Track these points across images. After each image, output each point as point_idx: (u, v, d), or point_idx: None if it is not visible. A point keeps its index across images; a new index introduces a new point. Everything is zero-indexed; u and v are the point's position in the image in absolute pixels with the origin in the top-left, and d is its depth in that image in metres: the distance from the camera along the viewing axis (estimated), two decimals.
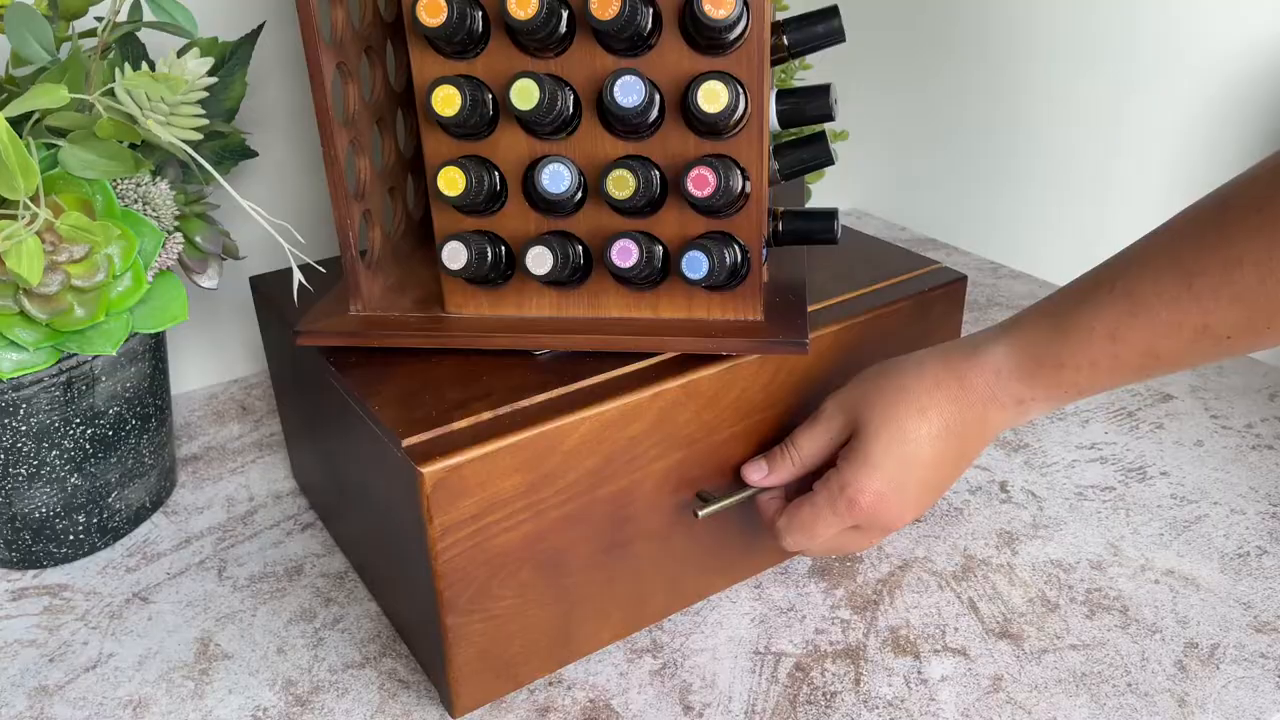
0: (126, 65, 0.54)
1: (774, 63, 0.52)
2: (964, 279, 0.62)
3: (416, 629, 0.54)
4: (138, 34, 0.63)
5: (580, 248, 0.53)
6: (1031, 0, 1.24)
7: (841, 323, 0.57)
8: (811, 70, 0.96)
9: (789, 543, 0.53)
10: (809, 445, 0.53)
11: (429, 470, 0.45)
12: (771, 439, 0.56)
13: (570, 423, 0.48)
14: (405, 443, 0.46)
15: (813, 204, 0.97)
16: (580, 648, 0.55)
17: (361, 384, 0.52)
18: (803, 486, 0.54)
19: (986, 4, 1.21)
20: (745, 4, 0.47)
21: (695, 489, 0.55)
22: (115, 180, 0.57)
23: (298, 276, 0.56)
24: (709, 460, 0.54)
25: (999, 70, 1.26)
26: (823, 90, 0.53)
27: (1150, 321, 0.45)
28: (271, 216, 0.54)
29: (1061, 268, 1.44)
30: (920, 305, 0.60)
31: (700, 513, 0.53)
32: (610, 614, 0.55)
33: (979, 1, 1.21)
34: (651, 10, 0.47)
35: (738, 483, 0.55)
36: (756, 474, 0.55)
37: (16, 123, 0.53)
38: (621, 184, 0.49)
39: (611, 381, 0.51)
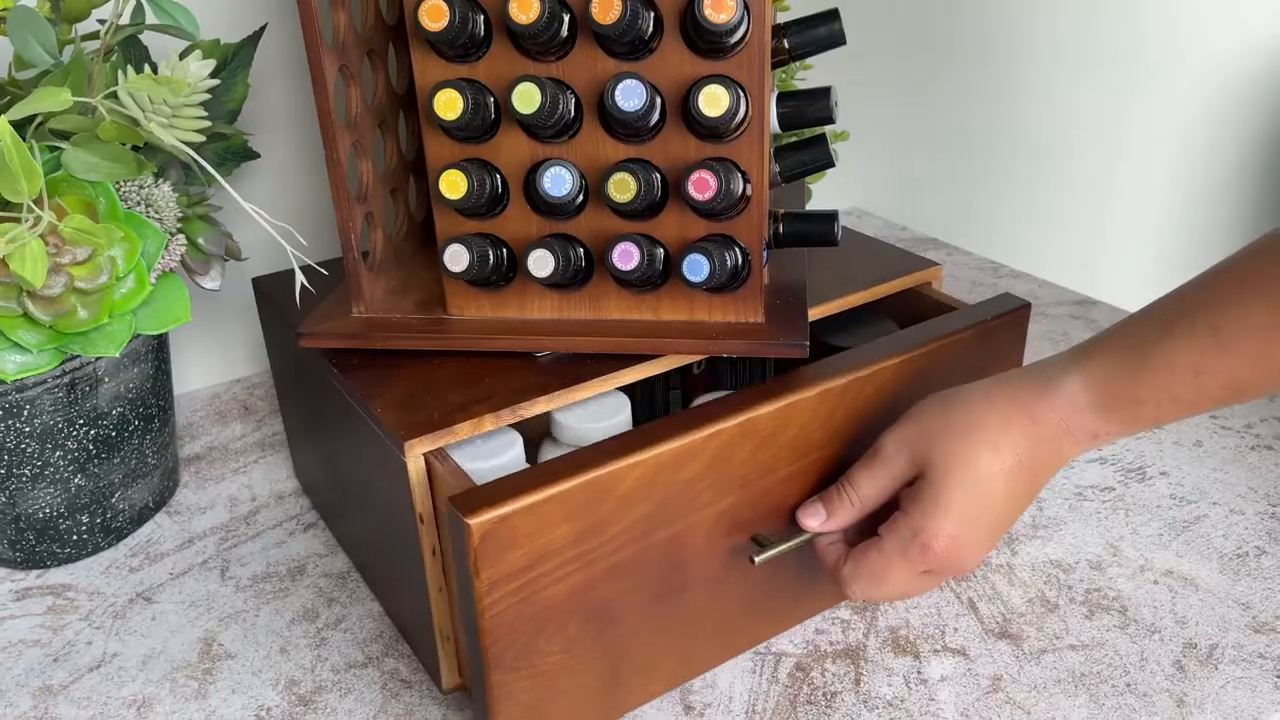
0: (129, 68, 0.54)
1: (774, 65, 0.52)
2: (1028, 306, 0.59)
3: (418, 630, 0.54)
4: (140, 36, 0.63)
5: (581, 250, 0.53)
6: (1032, 2, 1.24)
7: (903, 354, 0.53)
8: (812, 71, 0.96)
9: (855, 592, 0.50)
10: (869, 486, 0.50)
11: (476, 521, 0.41)
12: (828, 477, 0.52)
13: (624, 467, 0.45)
14: (453, 494, 0.43)
15: (813, 204, 0.98)
16: (627, 701, 0.52)
17: (364, 385, 0.52)
18: (862, 528, 0.51)
19: (986, 6, 1.21)
20: (746, 8, 0.47)
21: (749, 532, 0.51)
22: (118, 182, 0.57)
23: (300, 278, 0.57)
24: (764, 502, 0.51)
25: (999, 71, 1.26)
26: (823, 93, 0.53)
27: (1238, 354, 0.44)
28: (273, 218, 0.54)
29: (1062, 267, 1.45)
30: (983, 334, 0.57)
31: (757, 558, 0.49)
32: (659, 665, 0.52)
33: (979, 3, 1.21)
34: (653, 14, 0.47)
35: (794, 525, 0.52)
36: (814, 519, 0.51)
37: (20, 126, 0.53)
38: (623, 187, 0.49)
39: (665, 424, 0.47)
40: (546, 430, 0.58)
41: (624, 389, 0.69)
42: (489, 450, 0.53)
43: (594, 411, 0.56)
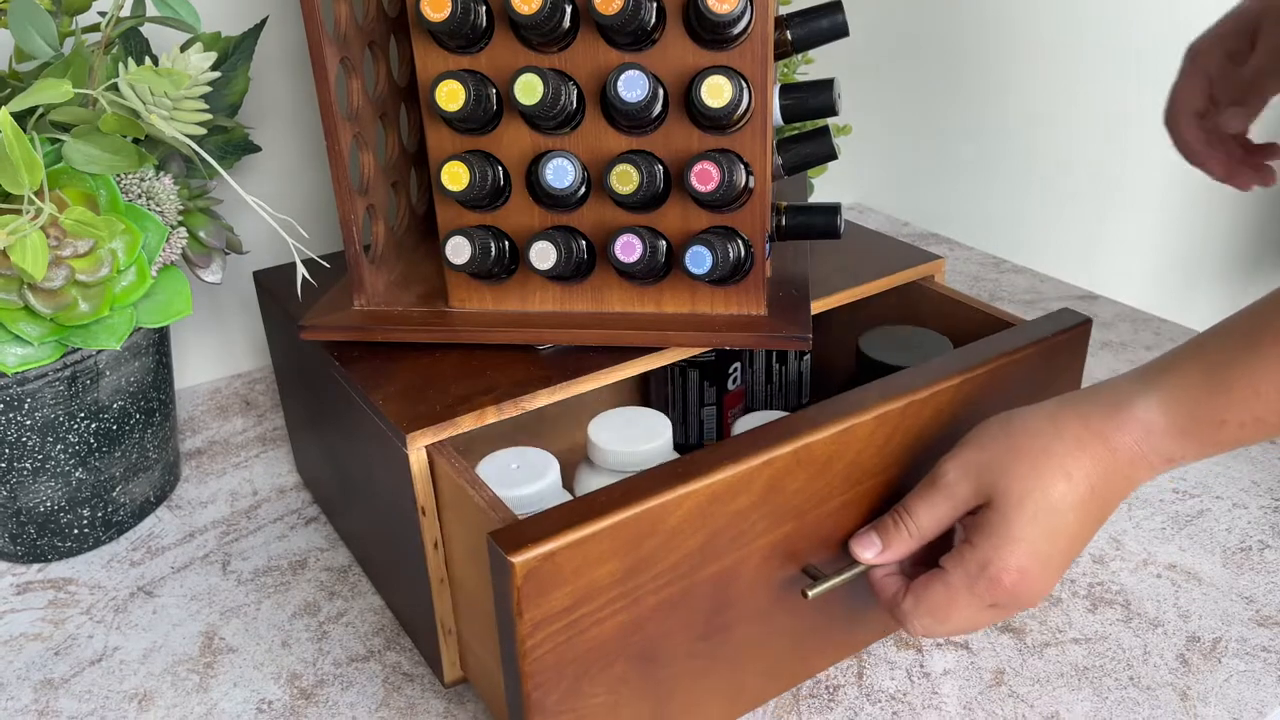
0: (130, 60, 0.54)
1: (777, 57, 0.52)
2: (1089, 322, 0.56)
3: (420, 623, 0.54)
4: (141, 29, 0.63)
5: (584, 243, 0.53)
6: None
7: (963, 373, 0.50)
8: (814, 64, 0.96)
9: (917, 627, 0.47)
10: (928, 515, 0.47)
11: (520, 560, 0.38)
12: (882, 506, 0.50)
13: (674, 498, 0.42)
14: (494, 530, 0.40)
15: (815, 198, 0.97)
16: None
17: (365, 378, 0.52)
18: (917, 557, 0.49)
19: (988, 2, 1.21)
20: None
21: (800, 564, 0.49)
22: (119, 175, 0.57)
23: (301, 270, 0.56)
24: (817, 532, 0.48)
25: (1001, 67, 1.26)
26: (826, 85, 0.53)
27: None
28: (275, 211, 0.54)
29: (1063, 263, 1.45)
30: (1045, 352, 0.54)
31: (810, 592, 0.47)
32: (705, 705, 0.50)
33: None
34: (655, 4, 0.47)
35: (846, 555, 0.49)
36: (868, 551, 0.48)
37: (21, 118, 0.53)
38: (625, 179, 0.49)
39: (715, 451, 0.44)
40: (584, 454, 0.57)
41: (657, 406, 0.68)
42: (524, 476, 0.51)
43: (634, 434, 0.54)
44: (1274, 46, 0.67)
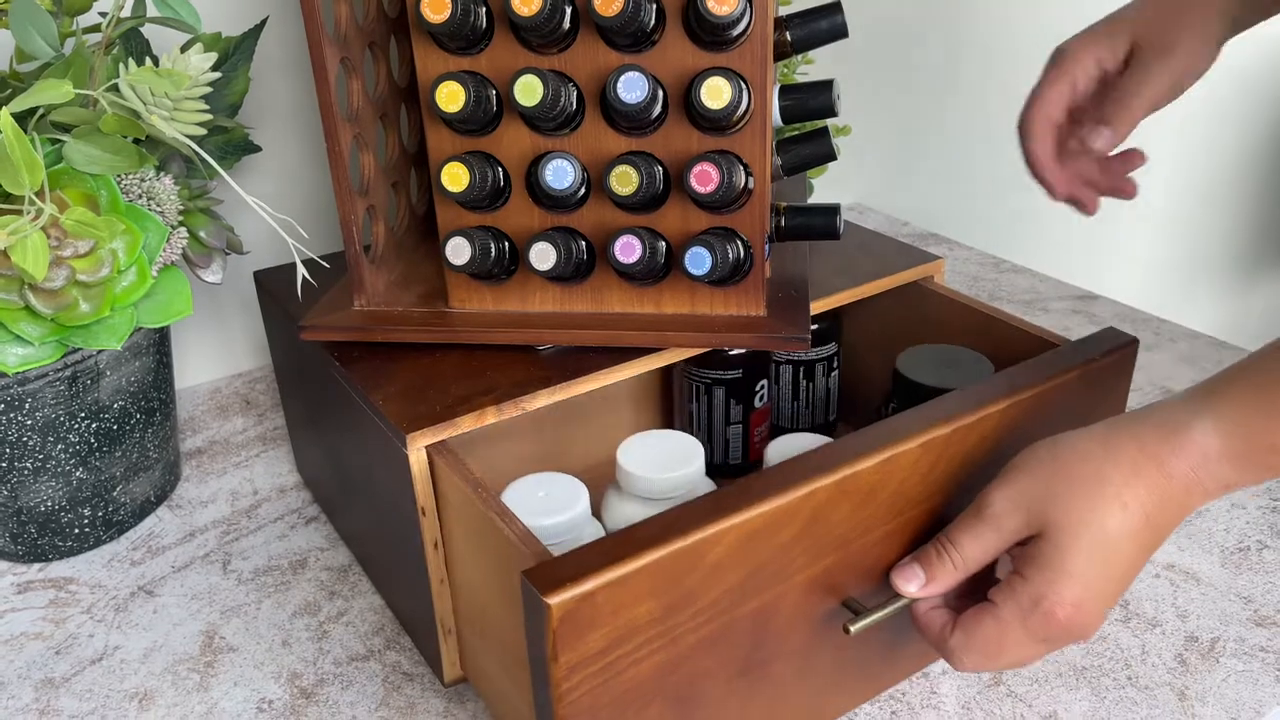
0: (130, 61, 0.54)
1: (776, 58, 0.52)
2: (1135, 342, 0.54)
3: (420, 623, 0.54)
4: (141, 29, 0.63)
5: (583, 243, 0.53)
6: None
7: (1010, 397, 0.48)
8: (813, 65, 0.96)
9: (967, 663, 0.45)
10: (974, 547, 0.45)
11: (557, 601, 0.36)
12: (924, 534, 0.48)
13: (714, 533, 0.40)
14: (528, 568, 0.38)
15: (814, 199, 0.97)
16: None
17: (365, 378, 0.52)
18: (961, 589, 0.47)
19: (988, 1, 1.21)
20: (748, 0, 0.47)
21: (841, 596, 0.47)
22: (120, 175, 0.57)
23: (302, 271, 0.57)
24: (859, 563, 0.46)
25: (1000, 67, 1.26)
26: (826, 86, 0.53)
27: None
28: (275, 211, 0.54)
29: (1063, 263, 1.45)
30: (1089, 375, 0.52)
31: (853, 627, 0.45)
32: None
33: None
34: (655, 6, 0.47)
35: (887, 587, 0.47)
36: (912, 584, 0.46)
37: (21, 118, 0.53)
38: (625, 180, 0.49)
39: (757, 482, 0.42)
40: (614, 480, 0.55)
41: (681, 424, 0.67)
42: (553, 505, 0.49)
43: (665, 460, 0.52)
44: (1147, 70, 0.63)
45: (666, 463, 0.52)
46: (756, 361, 0.64)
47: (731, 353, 0.63)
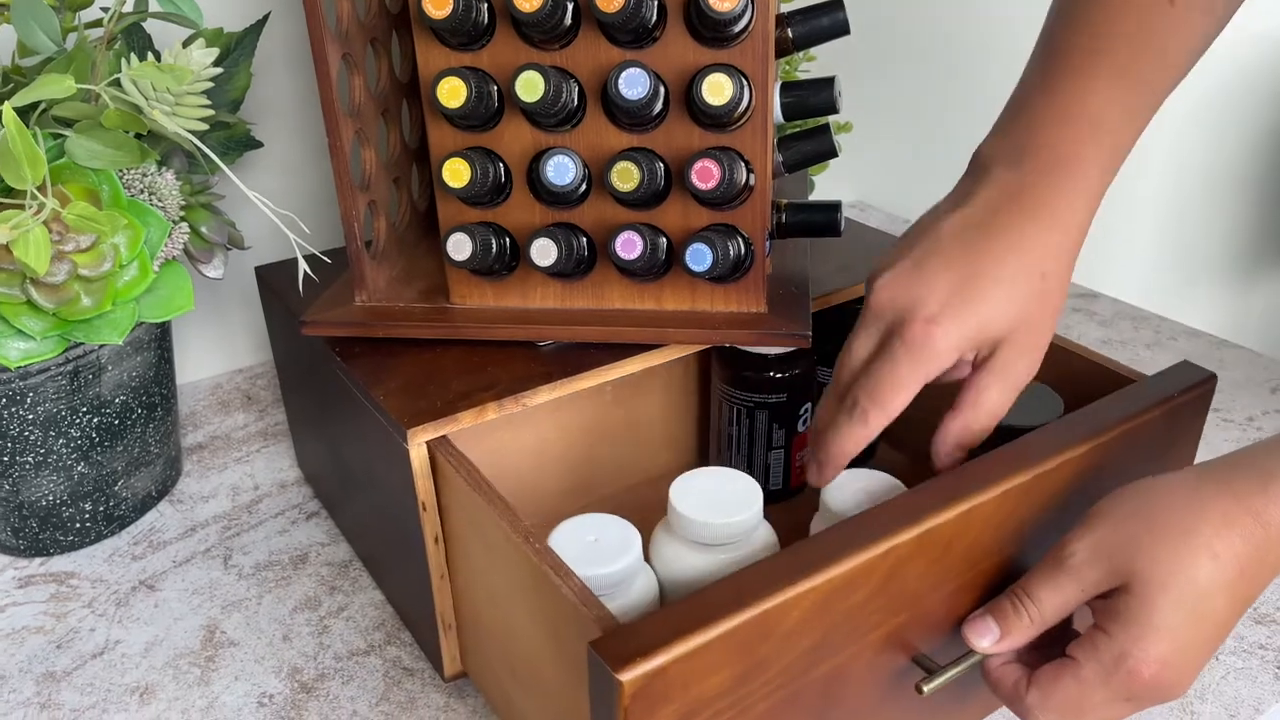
0: (132, 55, 0.54)
1: (777, 55, 0.52)
2: (1214, 377, 0.51)
3: (420, 617, 0.55)
4: (143, 24, 0.63)
5: (584, 239, 0.53)
6: None
7: (1091, 441, 0.46)
8: (815, 62, 0.96)
9: None
10: (1052, 600, 0.42)
11: (629, 678, 0.34)
12: (997, 586, 0.45)
13: (792, 598, 0.38)
14: (595, 639, 0.36)
15: (815, 196, 0.97)
16: None
17: (367, 374, 0.52)
18: (1036, 643, 0.44)
19: None
20: None
21: (911, 653, 0.44)
22: (121, 170, 0.57)
23: (303, 266, 0.57)
24: (930, 619, 0.44)
25: (1001, 64, 1.26)
26: (827, 83, 0.53)
27: None
28: (276, 207, 0.54)
29: None
30: (1170, 414, 0.49)
31: (926, 687, 0.42)
32: None
33: None
34: (656, 2, 0.47)
35: (956, 641, 0.45)
36: (985, 639, 0.43)
37: (23, 112, 0.53)
38: (626, 176, 0.50)
39: (830, 539, 0.40)
40: (664, 520, 0.51)
41: (718, 446, 0.63)
42: (604, 553, 0.45)
43: (722, 502, 0.48)
44: (1012, 375, 0.48)
45: (724, 506, 0.48)
46: (801, 383, 0.61)
47: (776, 375, 0.60)
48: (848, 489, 0.51)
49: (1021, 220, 0.47)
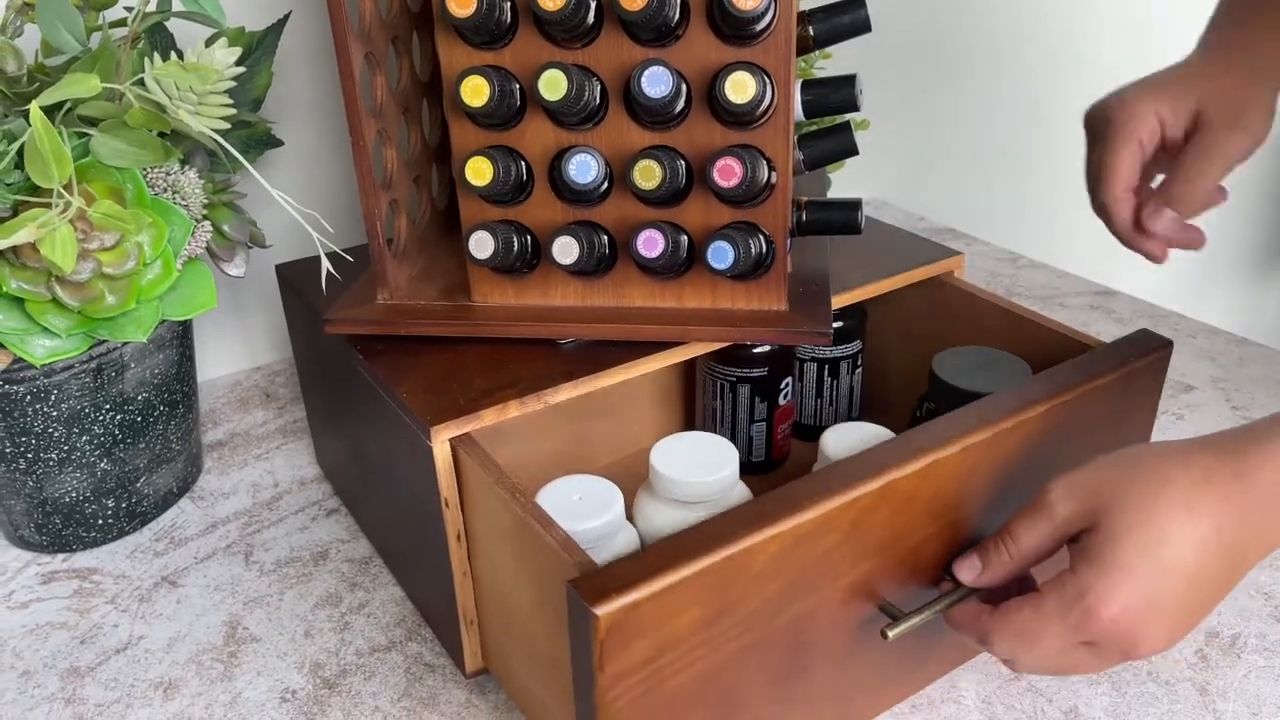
0: (156, 55, 0.54)
1: (799, 53, 0.52)
2: (1170, 344, 0.54)
3: (441, 614, 0.55)
4: (166, 24, 0.63)
5: (606, 237, 0.53)
6: None
7: (1048, 400, 0.48)
8: (831, 60, 0.96)
9: (1000, 648, 0.44)
10: (1027, 537, 0.43)
11: (604, 612, 0.37)
12: (961, 538, 0.48)
13: (759, 542, 0.40)
14: (574, 578, 0.38)
15: (833, 193, 0.97)
16: None
17: (389, 371, 0.52)
18: (1011, 591, 0.46)
19: None
20: None
21: (877, 600, 0.47)
22: (145, 169, 0.57)
23: (325, 264, 0.57)
24: (896, 568, 0.47)
25: (1016, 62, 1.25)
26: (848, 81, 0.53)
27: None
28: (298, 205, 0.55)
29: (1081, 258, 1.44)
30: (1126, 378, 0.52)
31: (890, 633, 0.45)
32: None
33: None
34: (679, 0, 0.47)
35: (921, 591, 0.48)
36: (969, 572, 0.46)
37: (49, 112, 0.53)
38: (648, 174, 0.50)
39: (798, 489, 0.42)
40: (645, 482, 0.54)
41: (704, 421, 0.67)
42: (588, 508, 0.49)
43: (700, 463, 0.51)
44: (1215, 146, 0.59)
45: (701, 466, 0.51)
46: (781, 359, 0.64)
47: (756, 350, 0.63)
48: (845, 439, 0.54)
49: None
